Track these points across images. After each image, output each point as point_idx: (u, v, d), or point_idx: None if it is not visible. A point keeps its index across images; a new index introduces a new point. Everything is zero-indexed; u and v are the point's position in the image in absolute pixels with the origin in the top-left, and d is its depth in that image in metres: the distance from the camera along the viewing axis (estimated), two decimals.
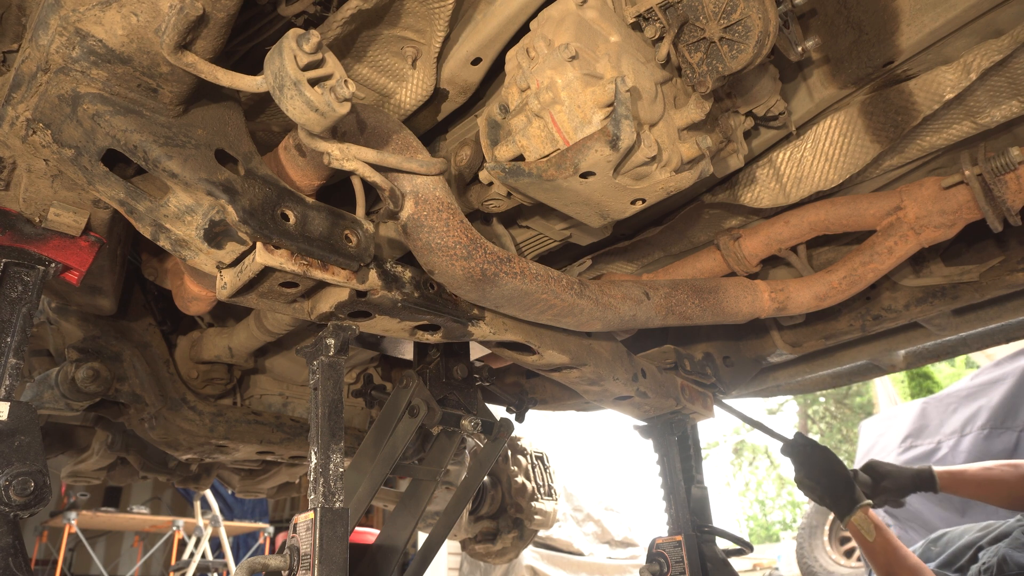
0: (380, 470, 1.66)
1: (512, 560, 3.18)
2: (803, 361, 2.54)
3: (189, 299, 1.46)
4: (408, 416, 1.72)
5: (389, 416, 1.72)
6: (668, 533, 2.15)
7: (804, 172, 1.63)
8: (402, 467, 1.86)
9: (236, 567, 1.75)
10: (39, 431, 1.10)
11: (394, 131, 1.23)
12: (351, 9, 1.16)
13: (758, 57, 1.15)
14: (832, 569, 5.49)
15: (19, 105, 1.03)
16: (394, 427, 1.71)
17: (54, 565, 6.83)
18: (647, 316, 1.55)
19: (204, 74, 0.96)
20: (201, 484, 2.70)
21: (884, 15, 1.39)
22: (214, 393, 2.02)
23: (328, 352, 1.27)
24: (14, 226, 1.17)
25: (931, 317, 2.08)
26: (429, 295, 1.34)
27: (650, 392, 1.97)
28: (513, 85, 1.22)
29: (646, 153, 1.15)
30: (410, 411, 1.72)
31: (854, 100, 1.56)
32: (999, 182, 1.51)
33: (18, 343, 1.13)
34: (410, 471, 1.94)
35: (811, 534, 5.71)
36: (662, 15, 1.17)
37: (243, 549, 8.00)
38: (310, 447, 1.22)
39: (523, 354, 1.62)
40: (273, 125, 1.38)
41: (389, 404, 1.75)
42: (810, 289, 1.74)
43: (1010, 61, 1.39)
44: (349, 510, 1.19)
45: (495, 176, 1.27)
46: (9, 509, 1.05)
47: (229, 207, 1.00)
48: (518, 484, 2.93)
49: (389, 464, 1.67)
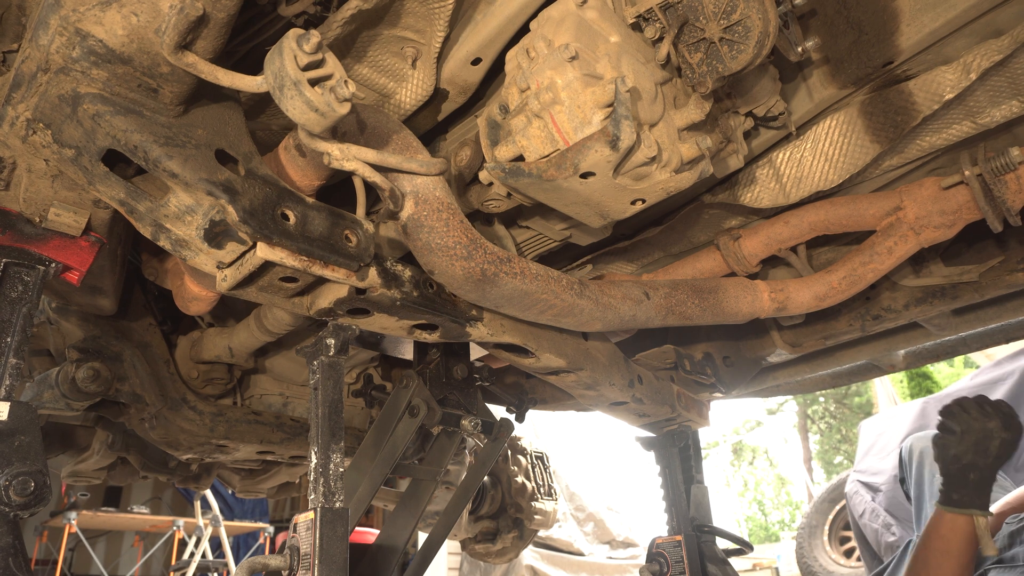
0: (380, 470, 1.66)
1: (512, 560, 3.18)
2: (803, 361, 2.54)
3: (189, 299, 1.46)
4: (408, 416, 1.72)
5: (389, 416, 1.73)
6: (668, 533, 2.16)
7: (804, 172, 1.63)
8: (402, 467, 1.86)
9: (236, 567, 1.76)
10: (39, 431, 1.10)
11: (394, 131, 1.23)
12: (351, 9, 1.16)
13: (758, 57, 1.15)
14: (832, 569, 5.50)
15: (19, 105, 1.03)
16: (394, 427, 1.71)
17: (54, 565, 6.83)
18: (647, 316, 1.56)
19: (204, 74, 0.96)
20: (201, 484, 2.70)
21: (884, 15, 1.39)
22: (214, 393, 2.02)
23: (328, 352, 1.27)
24: (14, 226, 1.17)
25: (931, 317, 2.08)
26: (428, 294, 1.34)
27: (646, 399, 1.97)
28: (513, 85, 1.22)
29: (646, 153, 1.15)
30: (410, 411, 1.72)
31: (854, 100, 1.56)
32: (999, 182, 1.51)
33: (18, 343, 1.13)
34: (410, 471, 1.94)
35: (811, 534, 5.72)
36: (662, 15, 1.18)
37: (243, 549, 8.00)
38: (310, 447, 1.22)
39: (520, 356, 1.63)
40: (273, 125, 1.39)
41: (389, 404, 1.75)
42: (810, 289, 1.74)
43: (1010, 61, 1.39)
44: (349, 510, 1.19)
45: (495, 176, 1.27)
46: (9, 509, 1.05)
47: (229, 207, 1.00)
48: (518, 484, 2.93)
49: (389, 464, 1.67)
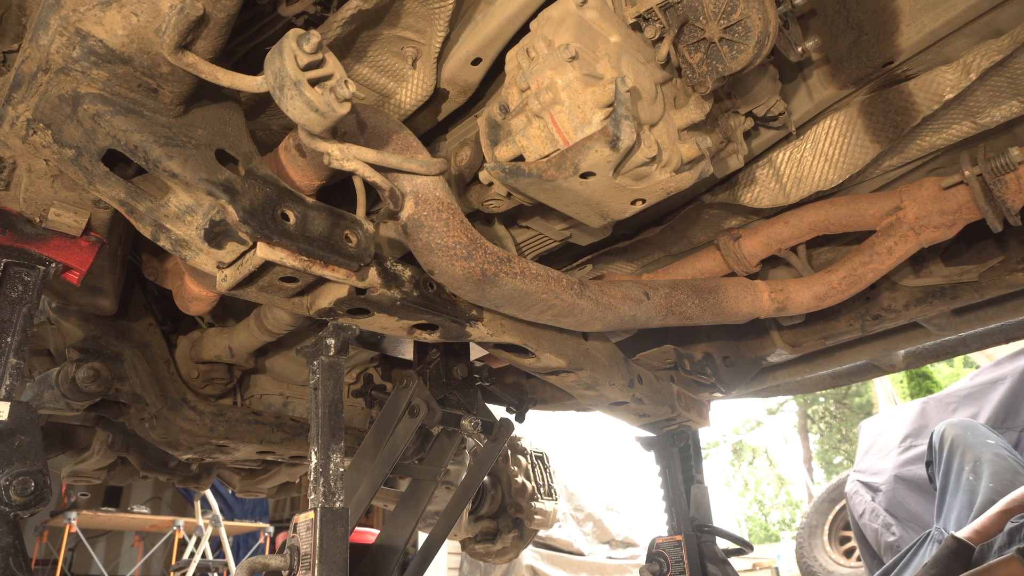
0: (380, 470, 1.66)
1: (512, 560, 3.18)
2: (803, 361, 2.54)
3: (189, 299, 1.46)
4: (408, 416, 1.72)
5: (389, 416, 1.73)
6: (668, 533, 2.16)
7: (804, 172, 1.63)
8: (402, 467, 1.86)
9: (236, 567, 1.76)
10: (39, 431, 1.10)
11: (394, 131, 1.23)
12: (351, 9, 1.16)
13: (758, 57, 1.15)
14: (832, 569, 5.49)
15: (19, 105, 1.03)
16: (394, 427, 1.71)
17: (54, 565, 6.82)
18: (647, 316, 1.56)
19: (204, 74, 0.96)
20: (201, 484, 2.70)
21: (884, 15, 1.39)
22: (214, 393, 2.02)
23: (328, 352, 1.27)
24: (14, 226, 1.17)
25: (931, 317, 2.08)
26: (428, 294, 1.34)
27: (645, 399, 1.97)
28: (513, 85, 1.22)
29: (646, 153, 1.15)
30: (410, 411, 1.72)
31: (854, 100, 1.56)
32: (999, 182, 1.51)
33: (18, 343, 1.13)
34: (410, 471, 1.94)
35: (811, 534, 5.72)
36: (662, 15, 1.18)
37: (243, 549, 8.00)
38: (310, 447, 1.22)
39: (520, 356, 1.63)
40: (273, 125, 1.39)
41: (389, 404, 1.75)
42: (810, 289, 1.74)
43: (1010, 61, 1.39)
44: (349, 510, 1.19)
45: (495, 176, 1.27)
46: (9, 509, 1.05)
47: (229, 207, 1.00)
48: (518, 484, 2.93)
49: (389, 464, 1.67)
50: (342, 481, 1.20)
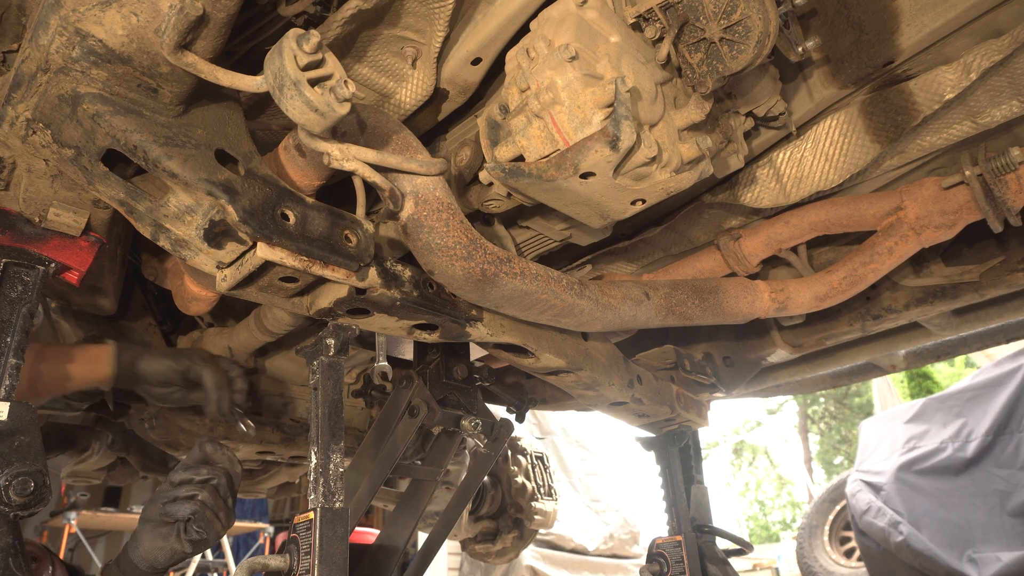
0: (380, 470, 1.66)
1: (512, 560, 3.18)
2: (803, 361, 2.54)
3: (189, 299, 1.46)
4: (408, 416, 1.72)
5: (389, 416, 1.73)
6: (668, 533, 2.15)
7: (804, 172, 1.63)
8: (402, 467, 1.87)
9: (236, 567, 1.76)
10: (39, 431, 1.10)
11: (394, 131, 1.23)
12: (351, 9, 1.16)
13: (758, 57, 1.15)
14: (832, 569, 5.50)
15: (19, 105, 1.03)
16: (394, 427, 1.71)
17: None
18: (647, 316, 1.55)
19: (204, 74, 0.96)
20: None
21: (884, 15, 1.39)
22: None
23: (328, 352, 1.27)
24: (14, 226, 1.17)
25: (931, 317, 2.08)
26: (428, 294, 1.34)
27: (645, 399, 1.97)
28: (513, 85, 1.22)
29: (646, 154, 1.15)
30: (410, 411, 1.72)
31: (854, 100, 1.56)
32: (999, 182, 1.51)
33: (18, 343, 1.13)
34: (410, 471, 1.95)
35: (811, 534, 5.72)
36: (662, 15, 1.17)
37: (243, 549, 7.99)
38: (310, 447, 1.22)
39: (520, 357, 1.62)
40: (273, 125, 1.38)
41: (389, 404, 1.75)
42: (810, 289, 1.74)
43: (1010, 61, 1.39)
44: (349, 510, 1.19)
45: (495, 176, 1.27)
46: (9, 509, 1.05)
47: (229, 207, 1.00)
48: (518, 484, 2.93)
49: (389, 464, 1.67)
50: (342, 481, 1.20)
